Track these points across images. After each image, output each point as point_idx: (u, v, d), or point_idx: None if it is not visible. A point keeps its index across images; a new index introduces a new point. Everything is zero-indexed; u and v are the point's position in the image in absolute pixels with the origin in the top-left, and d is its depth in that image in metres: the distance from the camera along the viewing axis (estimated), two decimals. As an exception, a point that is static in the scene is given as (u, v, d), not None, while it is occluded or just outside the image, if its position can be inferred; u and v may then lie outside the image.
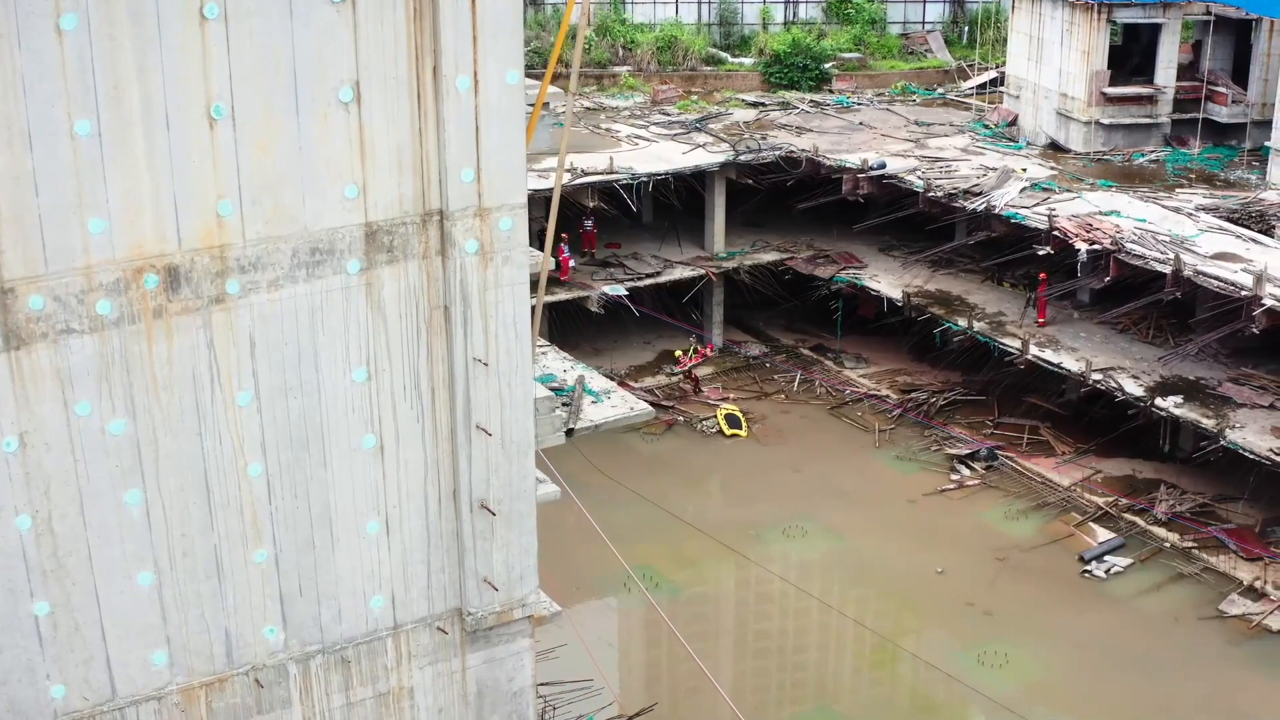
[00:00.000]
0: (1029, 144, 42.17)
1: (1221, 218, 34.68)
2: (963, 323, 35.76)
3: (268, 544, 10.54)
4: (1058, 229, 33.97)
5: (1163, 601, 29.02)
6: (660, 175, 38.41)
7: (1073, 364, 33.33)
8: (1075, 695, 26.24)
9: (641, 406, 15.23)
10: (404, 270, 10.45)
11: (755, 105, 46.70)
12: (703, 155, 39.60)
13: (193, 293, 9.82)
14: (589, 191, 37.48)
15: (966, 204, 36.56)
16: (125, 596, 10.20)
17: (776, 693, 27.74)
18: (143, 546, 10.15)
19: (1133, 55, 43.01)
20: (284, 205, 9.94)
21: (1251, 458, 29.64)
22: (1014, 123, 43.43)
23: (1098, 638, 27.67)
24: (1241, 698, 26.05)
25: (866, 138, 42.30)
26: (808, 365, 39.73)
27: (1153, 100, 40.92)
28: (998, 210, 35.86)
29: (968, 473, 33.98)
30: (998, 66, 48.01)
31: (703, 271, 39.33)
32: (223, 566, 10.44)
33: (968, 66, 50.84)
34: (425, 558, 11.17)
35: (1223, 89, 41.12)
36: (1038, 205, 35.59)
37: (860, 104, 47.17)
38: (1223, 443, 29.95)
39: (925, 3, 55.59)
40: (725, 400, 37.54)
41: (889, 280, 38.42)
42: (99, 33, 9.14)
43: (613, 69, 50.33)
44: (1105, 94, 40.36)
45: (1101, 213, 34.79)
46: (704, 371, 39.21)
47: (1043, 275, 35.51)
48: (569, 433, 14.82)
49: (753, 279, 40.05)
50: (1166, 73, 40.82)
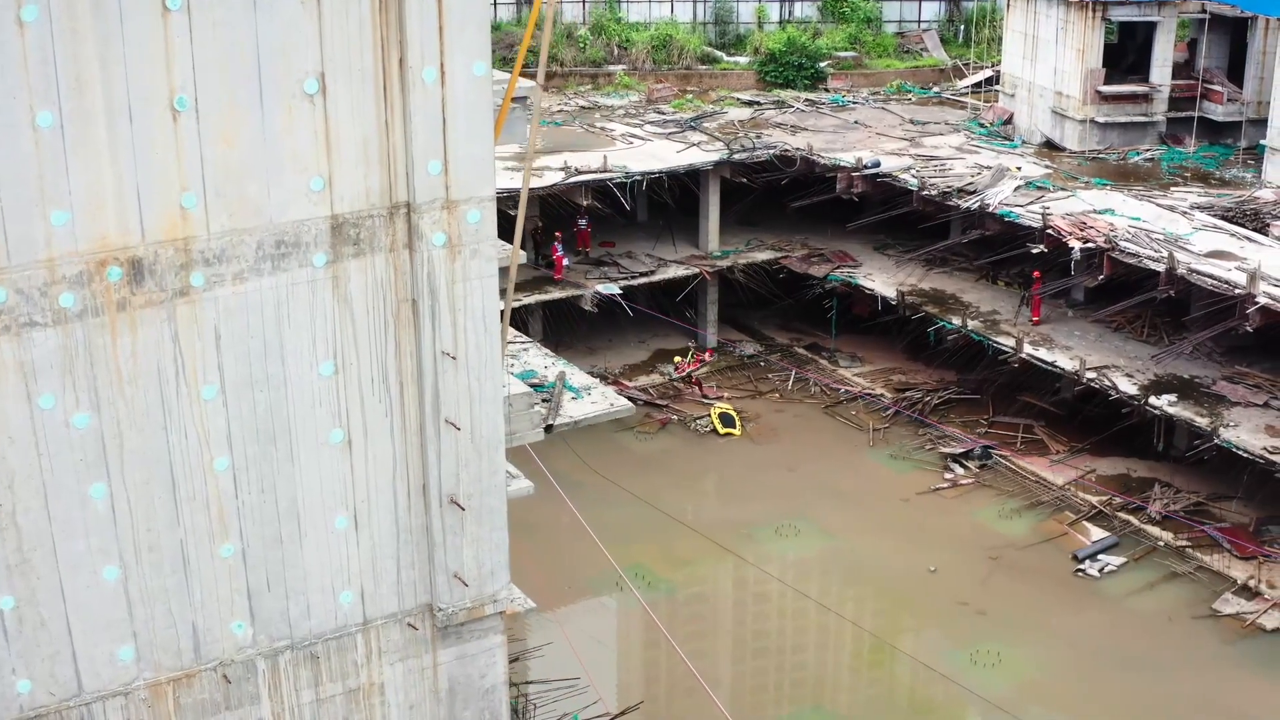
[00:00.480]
0: (1024, 142, 42.10)
1: (1216, 216, 34.58)
2: (957, 321, 35.68)
3: (234, 539, 10.48)
4: (1051, 227, 33.89)
5: (1157, 600, 28.92)
6: (655, 174, 38.37)
7: (1067, 362, 33.24)
8: (1068, 694, 26.14)
9: (621, 402, 15.18)
10: (371, 263, 10.39)
11: (750, 104, 46.62)
12: (697, 154, 39.57)
13: (157, 285, 9.77)
14: (583, 190, 37.44)
15: (961, 202, 36.49)
16: (91, 591, 10.15)
17: (769, 692, 27.67)
18: (108, 541, 10.10)
19: (1128, 53, 42.94)
20: (248, 197, 9.88)
21: (1245, 456, 29.54)
22: (1009, 121, 43.36)
23: (1091, 637, 27.57)
24: (1235, 697, 25.95)
25: (861, 136, 42.23)
26: (802, 364, 39.67)
27: (1148, 99, 40.82)
28: (992, 209, 35.79)
29: (962, 471, 33.90)
30: (993, 65, 47.93)
31: (697, 270, 39.28)
32: (189, 561, 10.38)
33: (963, 65, 50.75)
34: (395, 553, 11.11)
35: (1218, 87, 41.04)
36: (1032, 204, 35.51)
37: (855, 103, 47.09)
38: (1217, 441, 29.85)
39: (921, 1, 55.50)
40: (720, 399, 37.47)
41: (883, 279, 38.35)
42: (60, 24, 9.10)
43: (608, 68, 50.28)
44: (1100, 92, 40.28)
45: (1096, 211, 34.71)
46: (700, 372, 39.13)
47: (1037, 274, 35.43)
48: (548, 429, 14.77)
49: (747, 278, 39.99)
50: (1162, 71, 40.72)
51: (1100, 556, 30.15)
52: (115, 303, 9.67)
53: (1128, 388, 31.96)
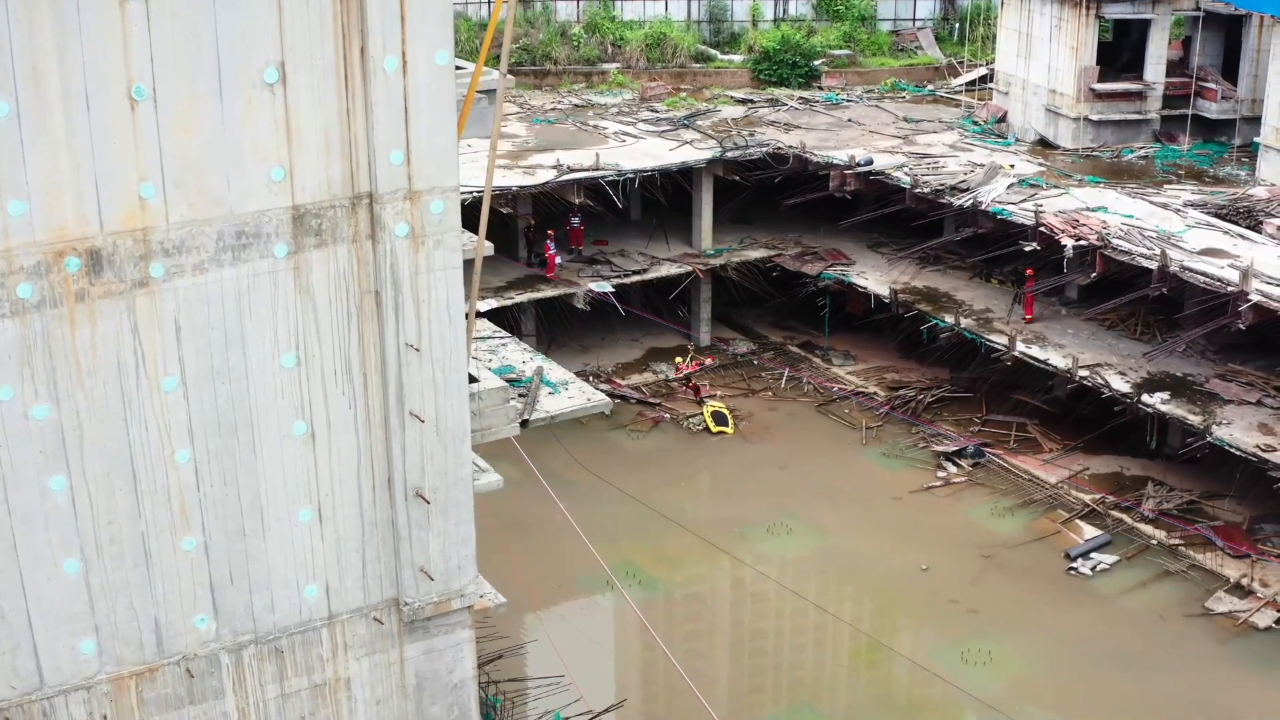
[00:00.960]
0: (1018, 140, 41.99)
1: (1210, 213, 34.46)
2: (950, 319, 35.58)
3: (196, 531, 10.42)
4: (1044, 225, 33.77)
5: (1149, 599, 28.81)
6: (647, 172, 38.30)
7: (1060, 360, 33.14)
8: (1060, 693, 26.04)
9: (599, 397, 15.08)
10: (333, 254, 10.32)
11: (744, 102, 46.54)
12: (690, 152, 39.48)
13: (115, 276, 9.71)
14: (576, 188, 37.36)
15: (954, 200, 36.38)
16: (51, 584, 10.09)
17: (761, 691, 27.59)
18: (68, 533, 10.04)
19: (1122, 51, 42.83)
20: (208, 188, 9.82)
21: (1238, 454, 29.43)
22: (1003, 119, 43.26)
23: (1083, 635, 27.46)
24: (1228, 695, 25.84)
25: (855, 134, 42.14)
26: (795, 362, 39.58)
27: (1142, 96, 40.69)
28: (984, 206, 35.67)
29: (954, 470, 33.80)
30: (987, 63, 47.83)
31: (690, 268, 39.19)
32: (151, 554, 10.32)
33: (958, 63, 50.65)
34: (360, 547, 11.04)
35: (1212, 85, 40.91)
36: (1025, 201, 35.40)
37: (849, 101, 46.98)
38: (1209, 439, 29.74)
39: (915, -1, 55.42)
40: (712, 397, 37.37)
41: (876, 277, 38.25)
42: (16, 14, 9.04)
43: (601, 66, 50.22)
44: (1094, 90, 40.17)
45: (1089, 209, 34.60)
46: (697, 375, 39.02)
47: (1030, 271, 35.33)
48: (524, 424, 14.66)
49: (740, 276, 39.90)
50: (1156, 69, 40.60)
51: (1093, 555, 30.04)
52: (74, 293, 9.61)
53: (1120, 386, 31.86)
